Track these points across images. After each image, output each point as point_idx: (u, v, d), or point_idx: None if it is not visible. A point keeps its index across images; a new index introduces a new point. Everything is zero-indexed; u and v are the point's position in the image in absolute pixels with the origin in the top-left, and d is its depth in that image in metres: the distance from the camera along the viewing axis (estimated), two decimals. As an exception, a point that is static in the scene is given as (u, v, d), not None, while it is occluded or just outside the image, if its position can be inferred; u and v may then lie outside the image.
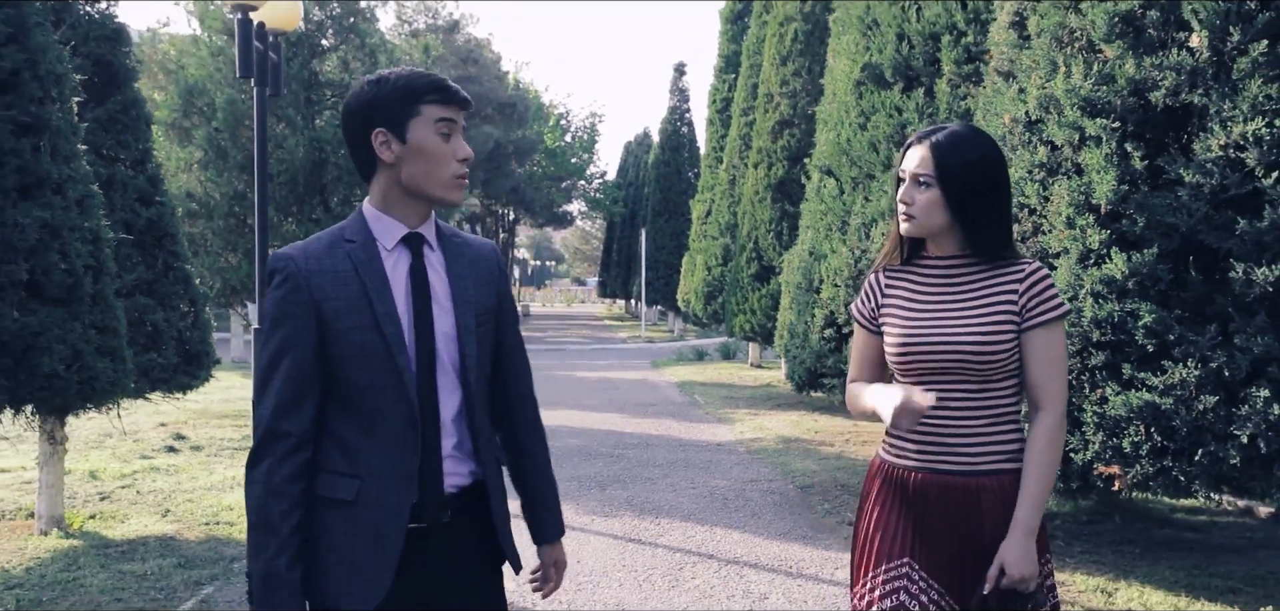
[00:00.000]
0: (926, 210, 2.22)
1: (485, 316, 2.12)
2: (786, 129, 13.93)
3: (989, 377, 2.19)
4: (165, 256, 7.21)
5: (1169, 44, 3.79)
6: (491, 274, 2.18)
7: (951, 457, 2.21)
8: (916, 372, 2.24)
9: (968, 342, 2.18)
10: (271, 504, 1.96)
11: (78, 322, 4.34)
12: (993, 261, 2.24)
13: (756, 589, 5.37)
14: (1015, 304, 2.19)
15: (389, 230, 2.05)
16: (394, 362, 1.98)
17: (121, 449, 9.93)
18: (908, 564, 2.24)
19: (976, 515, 2.19)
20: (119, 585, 5.33)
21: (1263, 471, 3.45)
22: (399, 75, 2.03)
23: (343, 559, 2.01)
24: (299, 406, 1.99)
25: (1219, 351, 3.55)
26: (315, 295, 1.98)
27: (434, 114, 1.99)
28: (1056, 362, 2.20)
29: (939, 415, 2.21)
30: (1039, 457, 2.17)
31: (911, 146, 2.28)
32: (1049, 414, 2.19)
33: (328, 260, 2.01)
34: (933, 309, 2.25)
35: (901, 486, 2.28)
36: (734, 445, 10.20)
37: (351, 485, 2.01)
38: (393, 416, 2.00)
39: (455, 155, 2.02)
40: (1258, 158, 3.48)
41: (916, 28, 7.20)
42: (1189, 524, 6.94)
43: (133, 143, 7.17)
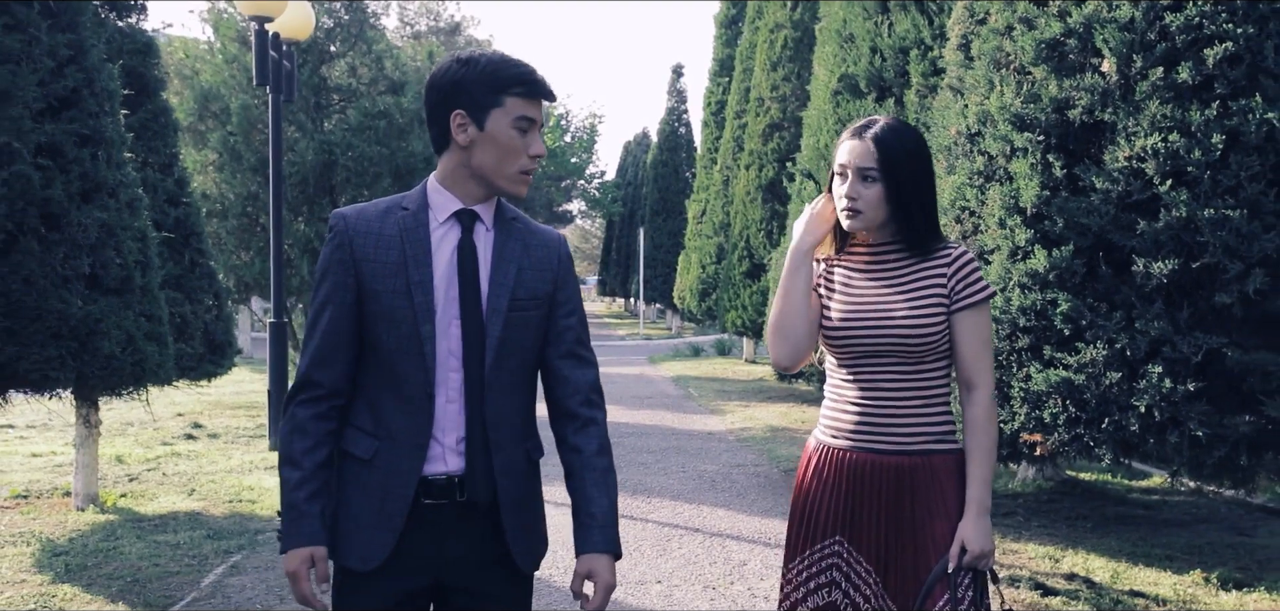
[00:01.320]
0: (873, 205, 2.25)
1: (530, 303, 2.08)
2: (776, 132, 14.48)
3: (922, 358, 2.26)
4: (192, 253, 7.78)
5: (1085, 68, 4.36)
6: (550, 262, 2.13)
7: (885, 438, 2.27)
8: (852, 353, 2.29)
9: (901, 323, 2.24)
10: (295, 440, 2.02)
11: (130, 311, 4.91)
12: (922, 248, 2.30)
13: (736, 557, 5.91)
14: (944, 287, 2.26)
15: (445, 204, 2.05)
16: (418, 331, 1.98)
17: (143, 436, 10.48)
18: (838, 541, 2.30)
19: (908, 493, 2.26)
20: (155, 553, 5.86)
21: (1157, 436, 4.01)
22: (489, 60, 2.00)
23: (350, 514, 2.03)
24: (333, 359, 2.02)
25: (1123, 334, 4.11)
26: (357, 254, 2.00)
27: (516, 109, 1.98)
28: (985, 343, 2.28)
29: (873, 396, 2.27)
30: (981, 436, 2.26)
31: (848, 140, 2.30)
32: (981, 391, 2.27)
33: (377, 223, 2.02)
34: (865, 294, 2.30)
35: (836, 465, 2.32)
36: (724, 434, 10.70)
37: (371, 444, 2.03)
38: (412, 383, 1.99)
39: (527, 151, 2.01)
40: (1155, 168, 4.04)
41: (888, 42, 7.76)
42: (1142, 502, 7.49)
43: (161, 148, 7.74)
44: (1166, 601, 5.01)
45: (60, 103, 4.71)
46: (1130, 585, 5.28)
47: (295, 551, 1.98)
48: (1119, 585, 5.30)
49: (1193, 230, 3.93)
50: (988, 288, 2.28)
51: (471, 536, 2.05)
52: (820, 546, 2.31)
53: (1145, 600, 5.07)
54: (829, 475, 2.32)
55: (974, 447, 2.26)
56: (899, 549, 2.25)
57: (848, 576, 2.28)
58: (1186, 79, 3.99)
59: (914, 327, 2.23)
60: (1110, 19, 4.19)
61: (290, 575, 1.99)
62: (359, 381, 2.06)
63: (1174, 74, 4.03)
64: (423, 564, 2.03)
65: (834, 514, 2.30)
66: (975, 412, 2.27)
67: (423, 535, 2.02)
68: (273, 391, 9.65)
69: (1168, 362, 3.99)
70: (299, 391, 2.04)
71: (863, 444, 2.28)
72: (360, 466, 2.03)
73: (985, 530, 2.20)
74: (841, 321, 2.29)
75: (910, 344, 2.23)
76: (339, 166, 12.43)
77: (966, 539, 2.19)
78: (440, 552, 2.04)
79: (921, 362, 2.26)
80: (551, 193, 44.16)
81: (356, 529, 2.01)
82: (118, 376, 4.74)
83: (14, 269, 4.29)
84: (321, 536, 2.00)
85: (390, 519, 1.99)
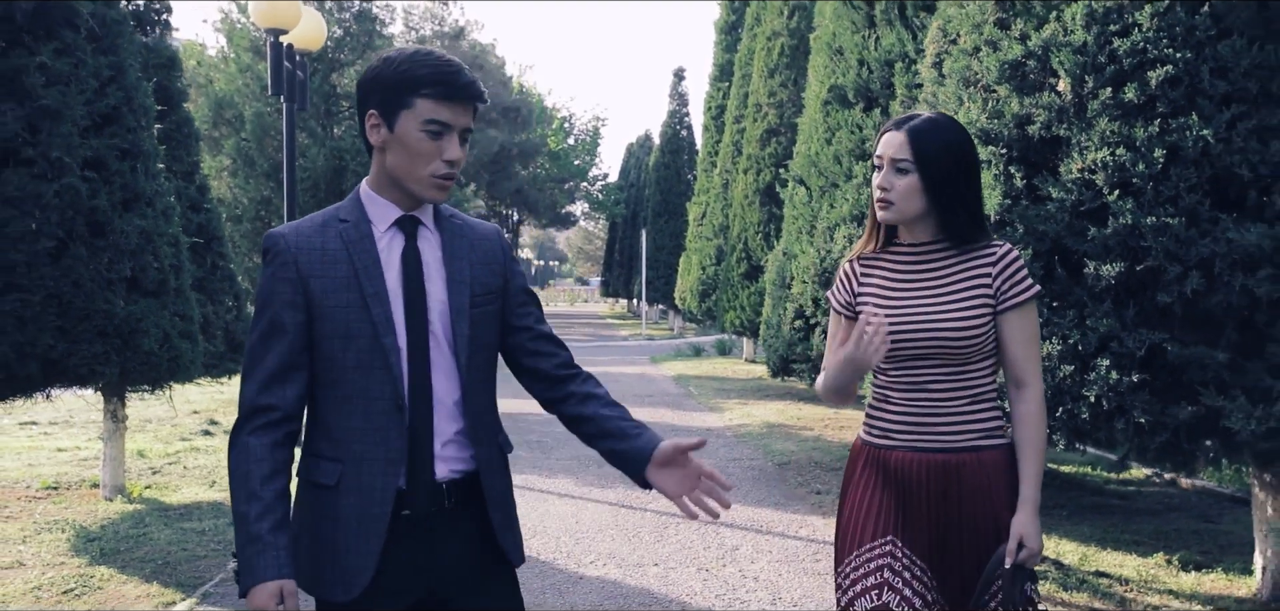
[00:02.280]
0: (905, 196, 2.22)
1: (487, 297, 2.06)
2: (774, 137, 14.85)
3: (968, 359, 2.22)
4: (213, 257, 8.21)
5: (1043, 87, 4.75)
6: (494, 255, 2.11)
7: (932, 437, 2.24)
8: (897, 358, 2.26)
9: (946, 327, 2.20)
10: (252, 469, 1.89)
11: (166, 311, 5.33)
12: (965, 246, 2.25)
13: (729, 542, 6.30)
14: (990, 287, 2.22)
15: (382, 212, 1.99)
16: (380, 343, 1.92)
17: (162, 432, 10.90)
18: (891, 541, 2.25)
19: (957, 491, 2.22)
20: (182, 539, 6.26)
21: (1106, 423, 4.39)
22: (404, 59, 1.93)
23: (324, 545, 1.94)
24: (284, 382, 1.93)
25: (1075, 331, 4.50)
26: (304, 272, 1.92)
27: (426, 111, 1.90)
28: (1033, 340, 2.26)
29: (920, 397, 2.24)
30: (1033, 434, 2.24)
31: (888, 132, 2.28)
32: (1032, 389, 2.26)
33: (318, 239, 1.95)
34: (910, 295, 2.26)
35: (883, 466, 2.29)
36: (722, 430, 11.04)
37: (334, 469, 1.94)
38: (378, 398, 1.93)
39: (441, 155, 1.93)
40: (1104, 179, 4.43)
41: (875, 55, 8.15)
42: (1118, 493, 7.88)
43: (184, 156, 8.17)
44: (1129, 581, 5.38)
45: (103, 119, 5.13)
46: (1097, 566, 5.65)
47: (262, 586, 1.85)
48: (1086, 566, 5.67)
49: (1137, 236, 4.33)
50: (1034, 285, 2.25)
51: (460, 538, 2.01)
52: (871, 546, 2.27)
53: (1109, 580, 5.45)
54: (877, 476, 2.29)
55: (1026, 444, 2.24)
56: (951, 545, 2.23)
57: (901, 575, 2.23)
58: (1132, 98, 4.38)
59: (960, 332, 2.19)
60: (1065, 43, 4.58)
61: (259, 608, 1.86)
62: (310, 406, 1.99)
63: (1121, 94, 4.42)
64: (411, 578, 1.97)
65: (885, 514, 2.27)
66: (1027, 410, 2.25)
67: (408, 549, 1.96)
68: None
69: (1115, 356, 4.38)
70: (248, 420, 1.92)
71: (910, 444, 2.26)
72: (328, 494, 1.94)
73: (1038, 528, 2.20)
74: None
75: (956, 347, 2.20)
76: (349, 172, 12.85)
77: (1024, 534, 2.17)
78: (430, 563, 1.98)
79: (968, 363, 2.23)
80: (555, 194, 44.49)
81: (334, 558, 1.92)
82: (156, 371, 5.15)
83: (65, 273, 4.70)
84: (290, 568, 1.88)
85: (369, 541, 1.91)
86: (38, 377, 4.61)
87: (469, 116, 1.96)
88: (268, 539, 1.86)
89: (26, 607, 4.89)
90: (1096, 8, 4.50)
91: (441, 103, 1.90)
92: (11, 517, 6.75)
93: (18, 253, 4.49)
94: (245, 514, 1.87)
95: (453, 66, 1.92)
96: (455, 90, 1.90)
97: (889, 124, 2.29)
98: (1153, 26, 4.35)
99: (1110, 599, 5.13)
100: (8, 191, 4.49)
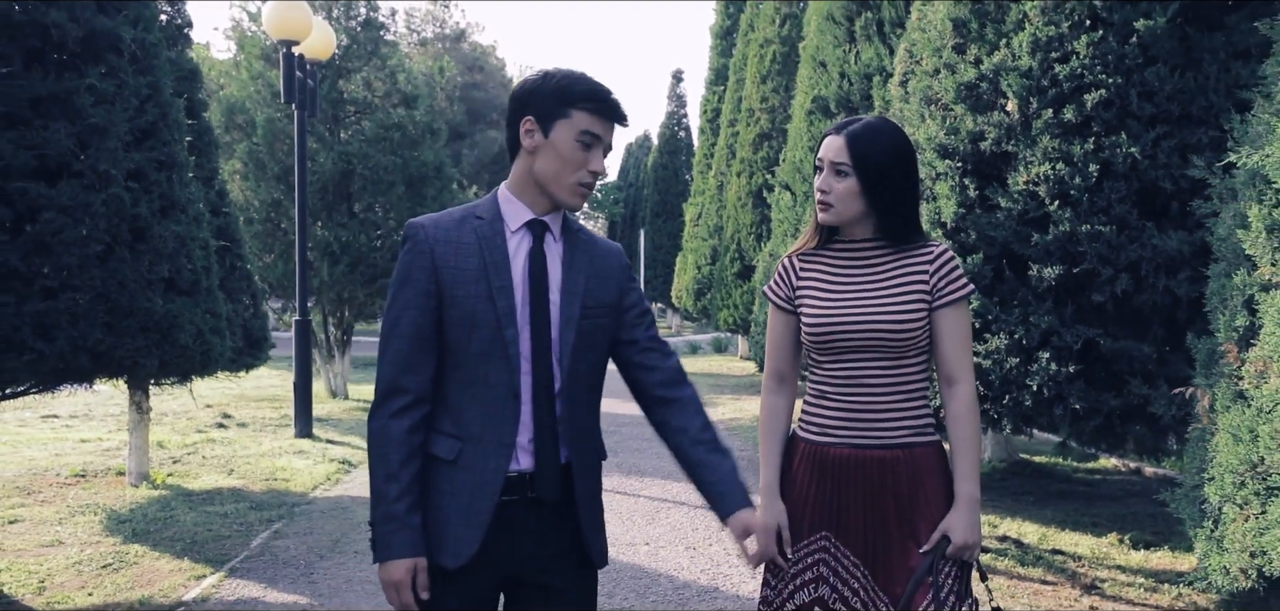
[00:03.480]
0: (844, 198, 2.27)
1: (599, 310, 2.17)
2: (765, 141, 15.29)
3: (903, 354, 2.27)
4: (232, 258, 8.67)
5: (994, 107, 5.26)
6: (614, 271, 2.22)
7: (869, 432, 2.28)
8: (833, 351, 2.30)
9: (884, 320, 2.25)
10: (391, 452, 2.05)
11: (198, 309, 5.83)
12: (902, 245, 2.32)
13: (716, 525, 6.59)
14: (926, 284, 2.27)
15: (516, 213, 2.12)
16: (502, 334, 2.05)
17: (179, 425, 11.35)
18: (825, 537, 2.30)
19: (892, 487, 2.27)
20: (206, 522, 6.71)
21: (1047, 409, 4.91)
22: (565, 75, 2.08)
23: (439, 515, 2.07)
24: (418, 363, 2.07)
25: (1020, 327, 5.01)
26: (438, 261, 2.07)
27: (582, 123, 2.05)
28: (966, 339, 2.30)
29: (855, 391, 2.29)
30: (966, 429, 2.28)
31: (829, 136, 2.32)
32: (963, 385, 2.29)
33: (454, 232, 2.10)
34: (849, 290, 2.31)
35: (821, 462, 2.32)
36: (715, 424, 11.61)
37: (454, 446, 2.07)
38: (496, 385, 2.06)
39: (587, 165, 2.08)
40: (1046, 191, 4.94)
41: (855, 69, 8.64)
42: (1084, 480, 8.34)
43: (205, 163, 8.63)
44: (1082, 558, 5.83)
45: (142, 134, 5.63)
46: (1054, 545, 6.09)
47: (399, 562, 2.03)
48: (1044, 545, 6.12)
49: (1075, 242, 4.83)
50: (969, 285, 2.31)
51: (544, 530, 2.12)
52: (807, 542, 2.31)
53: (1064, 557, 5.90)
54: (812, 472, 2.32)
55: (960, 440, 2.29)
56: (885, 542, 2.27)
57: (836, 571, 2.28)
58: (1071, 118, 4.88)
59: (897, 325, 2.25)
60: (1013, 68, 5.09)
61: (395, 584, 2.04)
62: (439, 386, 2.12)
63: (1062, 114, 4.92)
64: (501, 558, 2.10)
65: (819, 510, 2.31)
66: (959, 407, 2.29)
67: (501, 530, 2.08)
68: (298, 384, 10.52)
69: (1055, 350, 4.89)
70: (387, 399, 2.08)
71: (845, 439, 2.30)
72: (446, 467, 2.08)
73: (973, 522, 2.22)
74: (823, 319, 2.31)
75: (892, 340, 2.25)
76: (356, 176, 13.33)
77: (951, 529, 2.21)
78: (515, 546, 2.10)
79: (902, 358, 2.27)
80: (554, 194, 44.68)
81: (446, 527, 2.06)
82: (190, 363, 5.66)
83: (111, 273, 5.21)
84: (423, 547, 2.05)
85: (478, 516, 2.04)
86: (88, 369, 5.11)
87: (612, 136, 2.13)
88: (405, 518, 2.03)
89: (70, 580, 5.37)
90: (1040, 36, 5.01)
91: (597, 117, 2.06)
92: (46, 502, 7.21)
93: (70, 256, 5.00)
94: (384, 493, 2.04)
95: (607, 88, 2.09)
96: (610, 108, 2.08)
97: (830, 129, 2.35)
98: (1088, 54, 4.86)
99: (1063, 574, 5.55)
100: (61, 201, 4.98)
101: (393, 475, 2.03)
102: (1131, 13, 4.78)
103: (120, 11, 5.46)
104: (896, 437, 2.28)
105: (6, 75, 4.85)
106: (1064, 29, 4.96)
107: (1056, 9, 4.98)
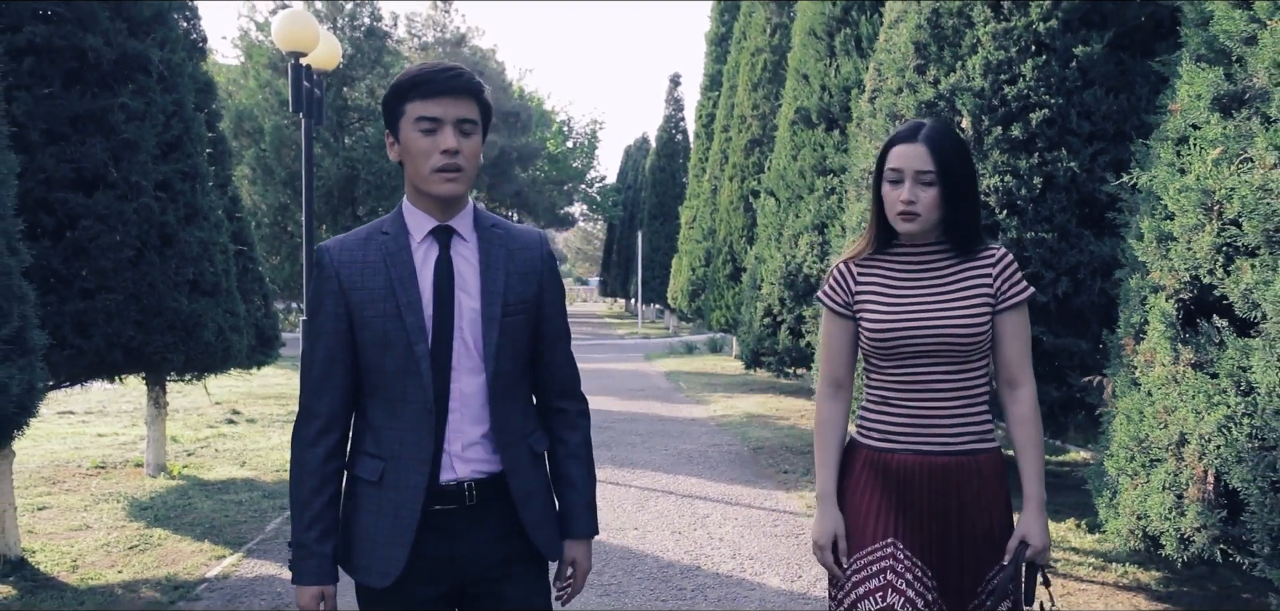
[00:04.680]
0: (930, 207, 2.22)
1: (520, 306, 2.13)
2: (756, 147, 15.60)
3: (968, 358, 2.24)
4: (245, 260, 9.14)
5: (951, 124, 5.73)
6: (533, 265, 2.18)
7: (933, 438, 2.25)
8: (897, 357, 2.26)
9: (950, 326, 2.22)
10: (304, 481, 2.09)
11: (219, 308, 6.32)
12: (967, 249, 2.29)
13: (701, 512, 7.09)
14: (990, 287, 2.26)
15: (418, 223, 2.09)
16: (413, 350, 2.03)
17: (190, 421, 11.74)
18: (892, 544, 2.25)
19: (955, 493, 2.24)
20: (222, 509, 7.11)
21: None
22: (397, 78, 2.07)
23: (367, 535, 2.10)
24: (328, 387, 2.09)
25: (973, 325, 5.47)
26: (344, 284, 2.06)
27: (415, 112, 2.00)
28: (1027, 341, 2.30)
29: (921, 397, 2.26)
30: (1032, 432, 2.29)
31: (902, 145, 2.27)
32: (1027, 388, 2.30)
33: (360, 252, 2.08)
34: (913, 295, 2.28)
35: (884, 469, 2.29)
36: (706, 420, 11.69)
37: (377, 466, 2.09)
38: (413, 401, 2.05)
39: (437, 148, 2.00)
40: (996, 201, 5.42)
41: (835, 82, 9.10)
42: (1055, 472, 8.65)
43: (219, 171, 9.08)
44: (1040, 541, 6.28)
45: (169, 147, 6.12)
46: (1016, 531, 6.54)
47: (307, 588, 2.10)
48: (1006, 530, 6.56)
49: (1021, 248, 5.31)
50: (1029, 287, 2.32)
51: (485, 535, 2.12)
52: (873, 548, 2.27)
53: (1022, 539, 6.34)
54: (876, 479, 2.29)
55: (1026, 444, 2.28)
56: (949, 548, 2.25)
57: (904, 576, 2.23)
58: (1018, 135, 5.35)
59: (963, 328, 2.22)
60: (967, 88, 5.56)
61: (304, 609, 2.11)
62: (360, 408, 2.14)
63: (1010, 131, 5.39)
64: (440, 570, 2.11)
65: (885, 516, 2.27)
66: (1024, 410, 2.30)
67: (436, 542, 2.10)
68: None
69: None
70: (302, 424, 2.12)
71: (909, 445, 2.27)
72: (370, 488, 2.10)
73: (1045, 526, 2.23)
74: (888, 325, 2.27)
75: (959, 344, 2.22)
76: (360, 180, 13.81)
77: (1029, 534, 2.21)
78: (457, 554, 2.11)
79: (967, 362, 2.25)
80: (553, 196, 45.11)
81: (373, 547, 2.08)
82: (212, 358, 6.15)
83: (142, 276, 5.70)
84: (332, 575, 2.11)
85: (403, 534, 2.06)
86: (122, 363, 5.59)
87: (463, 107, 2.02)
88: (314, 547, 2.08)
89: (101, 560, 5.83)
90: (991, 60, 5.49)
91: (427, 100, 1.99)
92: (71, 491, 7.64)
93: (105, 260, 5.48)
94: (296, 522, 2.10)
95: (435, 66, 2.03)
96: (436, 86, 2.00)
97: (900, 137, 2.29)
98: (1034, 77, 5.33)
99: (1018, 556, 5.99)
100: (97, 210, 5.47)
101: (305, 503, 2.08)
102: (1072, 40, 5.26)
103: (149, 34, 5.95)
104: (962, 444, 2.26)
105: (47, 95, 5.33)
106: (1012, 53, 5.43)
107: (1006, 35, 5.46)
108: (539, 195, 41.66)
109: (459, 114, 2.01)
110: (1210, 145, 3.13)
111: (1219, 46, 3.29)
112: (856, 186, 6.42)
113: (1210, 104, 3.22)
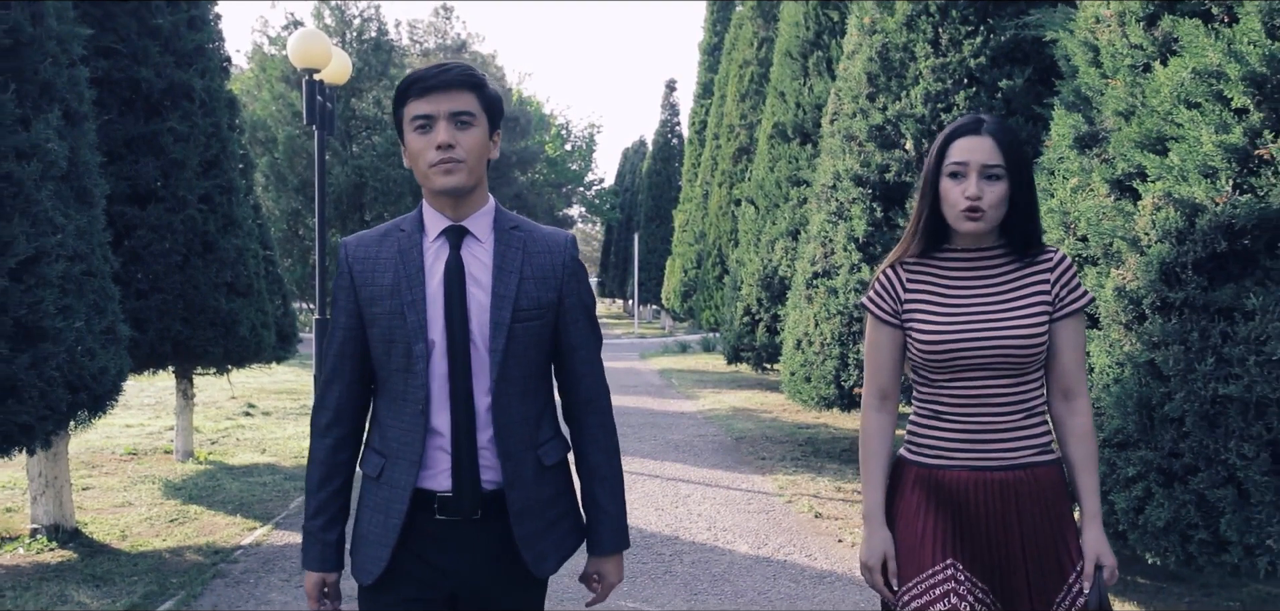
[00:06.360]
0: (997, 204, 2.06)
1: (535, 311, 2.06)
2: (744, 155, 16.14)
3: (1026, 370, 2.11)
4: (266, 263, 9.90)
5: (897, 146, 6.53)
6: (553, 268, 2.09)
7: (990, 454, 2.12)
8: (951, 370, 2.12)
9: (1010, 336, 2.08)
10: (313, 469, 2.13)
11: (252, 308, 7.13)
12: (1023, 251, 2.13)
13: (683, 492, 7.68)
14: (1048, 294, 2.11)
15: (434, 222, 2.07)
16: (412, 348, 2.00)
17: (210, 413, 12.40)
18: (952, 565, 2.11)
19: (1016, 511, 2.10)
20: (248, 489, 7.79)
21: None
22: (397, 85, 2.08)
23: (363, 530, 2.10)
24: (339, 379, 2.10)
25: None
26: (356, 279, 2.06)
27: (411, 112, 2.00)
28: (1083, 349, 2.15)
29: (978, 412, 2.11)
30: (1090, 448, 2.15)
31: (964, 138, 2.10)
32: (1083, 399, 2.15)
33: (374, 248, 2.08)
34: (969, 302, 2.13)
35: (937, 487, 2.15)
36: (694, 414, 12.23)
37: (378, 462, 2.08)
38: (411, 400, 2.02)
39: (432, 144, 1.98)
40: (933, 214, 6.21)
41: (808, 100, 9.88)
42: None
43: (244, 182, 9.90)
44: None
45: (208, 164, 6.93)
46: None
47: (310, 574, 2.14)
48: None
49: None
50: (1088, 293, 2.17)
51: (479, 546, 2.06)
52: (932, 571, 2.12)
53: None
54: (929, 498, 2.16)
55: (1085, 457, 2.16)
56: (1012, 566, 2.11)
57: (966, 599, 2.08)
58: (952, 156, 6.14)
59: (1024, 339, 2.08)
60: (910, 114, 6.36)
61: (307, 593, 2.16)
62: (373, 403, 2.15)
63: (946, 153, 6.18)
64: (433, 576, 2.06)
65: (942, 536, 2.13)
66: (1081, 423, 2.16)
67: (430, 547, 2.05)
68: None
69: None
70: (316, 413, 2.16)
71: (965, 462, 2.13)
72: (372, 484, 2.10)
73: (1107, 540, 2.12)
74: (942, 336, 2.12)
75: (1019, 356, 2.08)
76: (368, 187, 14.57)
77: (1103, 556, 2.11)
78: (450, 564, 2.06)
79: (1026, 373, 2.11)
80: (552, 199, 45.58)
81: (365, 544, 2.08)
82: (246, 352, 6.95)
83: (188, 279, 6.51)
84: (332, 563, 2.12)
85: (388, 534, 2.03)
86: (170, 356, 6.39)
87: (456, 100, 1.99)
88: (318, 534, 2.11)
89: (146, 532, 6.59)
90: (931, 90, 6.29)
91: (419, 99, 1.99)
92: (109, 474, 8.34)
93: (157, 265, 6.29)
94: (306, 508, 2.14)
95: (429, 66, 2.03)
96: (425, 84, 1.98)
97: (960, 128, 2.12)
98: (966, 105, 6.13)
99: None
100: (150, 221, 6.28)
101: (313, 491, 2.12)
102: (997, 75, 6.05)
103: (191, 65, 6.75)
104: (1021, 458, 2.11)
105: (107, 122, 6.13)
106: (948, 85, 6.23)
107: (943, 69, 6.26)
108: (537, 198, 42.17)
109: (452, 107, 1.99)
110: (1069, 176, 3.93)
111: (1083, 94, 4.08)
112: (817, 199, 7.22)
113: (1072, 142, 4.01)
